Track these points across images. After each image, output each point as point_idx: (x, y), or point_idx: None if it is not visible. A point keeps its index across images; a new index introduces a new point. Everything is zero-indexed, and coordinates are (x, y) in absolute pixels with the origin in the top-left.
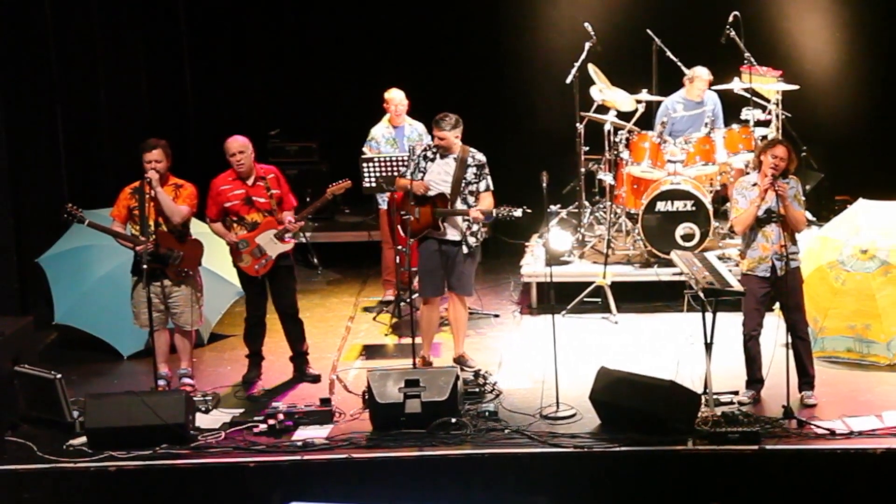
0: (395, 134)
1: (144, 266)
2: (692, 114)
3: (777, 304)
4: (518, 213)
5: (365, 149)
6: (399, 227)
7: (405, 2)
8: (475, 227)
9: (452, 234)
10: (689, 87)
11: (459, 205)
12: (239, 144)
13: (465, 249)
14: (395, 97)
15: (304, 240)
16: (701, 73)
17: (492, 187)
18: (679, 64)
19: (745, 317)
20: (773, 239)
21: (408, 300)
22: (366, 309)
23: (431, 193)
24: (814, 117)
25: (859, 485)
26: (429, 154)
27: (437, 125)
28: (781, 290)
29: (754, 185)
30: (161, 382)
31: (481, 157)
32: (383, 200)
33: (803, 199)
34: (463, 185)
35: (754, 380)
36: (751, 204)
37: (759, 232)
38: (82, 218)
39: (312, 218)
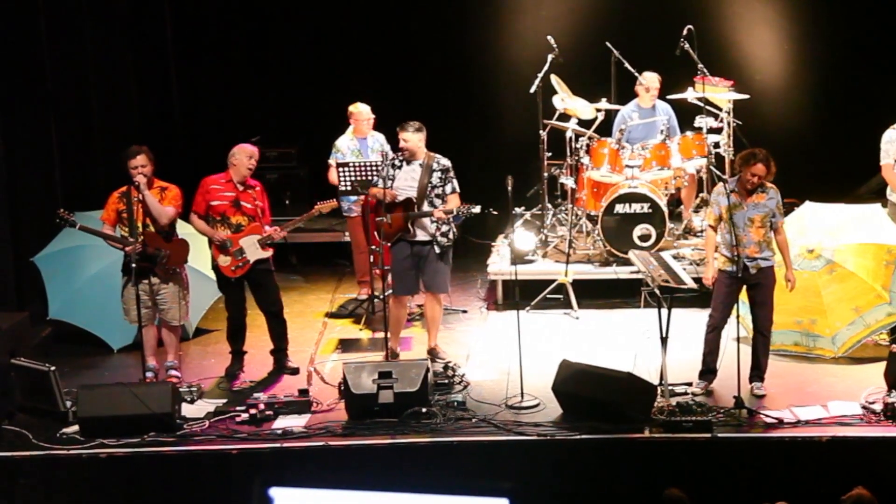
0: (359, 145)
1: (133, 265)
2: (646, 122)
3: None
4: (476, 209)
5: (330, 160)
6: (374, 231)
7: (379, 18)
8: (444, 228)
9: (422, 236)
10: (643, 94)
11: (426, 207)
12: (249, 151)
13: (436, 249)
14: (362, 111)
15: (284, 240)
16: (650, 78)
17: (458, 189)
18: (636, 74)
19: (713, 309)
20: (745, 243)
21: (381, 297)
22: (332, 315)
23: (399, 199)
24: (763, 125)
25: (806, 471)
26: (396, 162)
27: (403, 128)
28: (752, 285)
29: (732, 191)
30: (149, 374)
31: (446, 161)
32: (349, 209)
33: (783, 208)
34: (429, 188)
35: (708, 370)
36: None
37: (733, 235)
38: (74, 222)
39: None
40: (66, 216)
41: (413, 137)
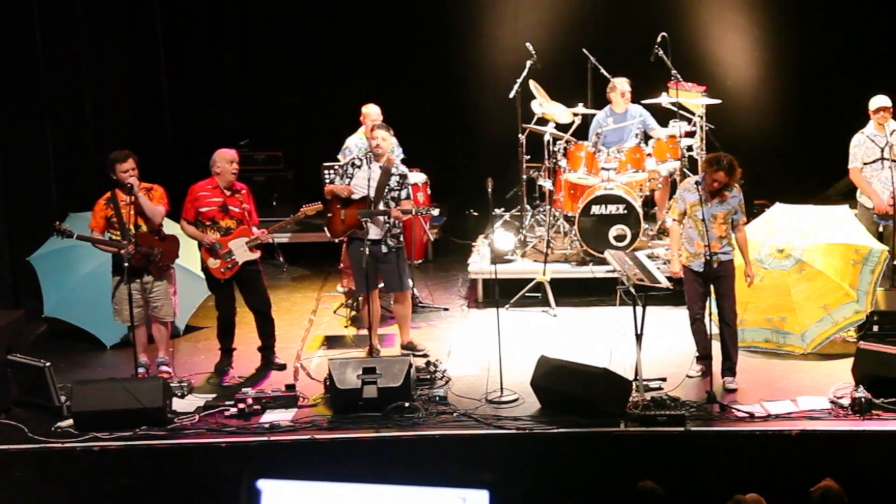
0: (367, 145)
1: (126, 264)
2: (620, 126)
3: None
4: (435, 211)
5: (339, 156)
6: (325, 226)
7: (363, 27)
8: (395, 230)
9: (374, 234)
10: (616, 99)
11: (382, 207)
12: (230, 156)
13: (383, 248)
14: (373, 112)
15: (271, 241)
16: (621, 83)
17: (411, 197)
18: (612, 80)
19: (689, 303)
20: (705, 238)
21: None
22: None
23: (356, 197)
24: (735, 129)
25: (776, 463)
26: (356, 162)
27: (380, 128)
28: (714, 278)
29: (696, 187)
30: (140, 370)
31: (405, 169)
32: None
33: (753, 209)
34: (386, 190)
35: (703, 356)
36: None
37: (696, 230)
38: (71, 233)
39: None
40: (63, 228)
41: (389, 138)
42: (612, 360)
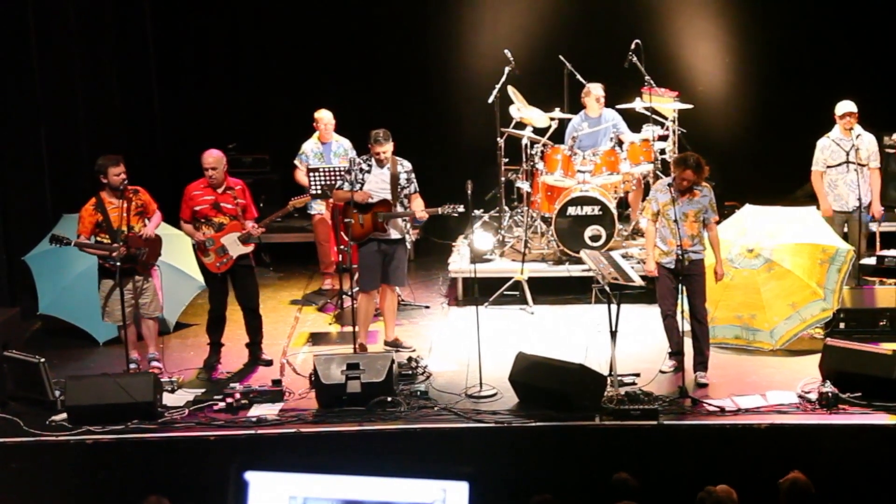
0: (322, 149)
1: (118, 263)
2: (595, 130)
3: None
4: (461, 208)
5: (296, 161)
6: (343, 231)
7: (345, 32)
8: (409, 227)
9: (395, 234)
10: (591, 104)
11: (399, 208)
12: (213, 160)
13: (407, 245)
14: (325, 117)
15: (259, 240)
16: (595, 88)
17: (418, 189)
18: (587, 85)
19: (660, 299)
20: (677, 237)
21: (349, 293)
22: (303, 300)
23: (373, 201)
24: (706, 133)
25: (746, 456)
26: (364, 167)
27: (379, 141)
28: (685, 276)
29: (668, 187)
30: (132, 366)
31: (408, 164)
32: (311, 206)
33: (724, 210)
34: (400, 190)
35: (676, 352)
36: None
37: (668, 229)
38: (68, 241)
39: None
40: (62, 237)
41: (390, 147)
42: (588, 356)
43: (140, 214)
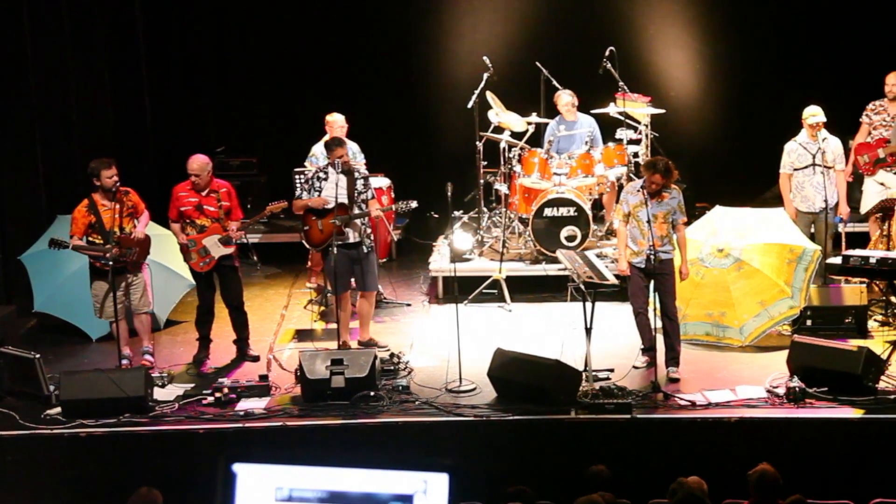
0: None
1: (111, 263)
2: (571, 133)
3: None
4: (414, 203)
5: (306, 163)
6: (302, 239)
7: (330, 40)
8: (368, 231)
9: (353, 237)
10: (561, 110)
11: (356, 212)
12: (197, 167)
13: (364, 249)
14: (338, 120)
15: (245, 241)
16: (564, 95)
17: (375, 196)
18: (556, 94)
19: (632, 297)
20: (647, 237)
21: (333, 293)
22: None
23: (329, 206)
24: (677, 136)
25: (716, 448)
26: (321, 175)
27: (343, 146)
28: (655, 275)
29: (638, 190)
30: (124, 362)
31: (364, 170)
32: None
33: (684, 208)
34: (357, 194)
35: (648, 348)
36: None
37: (639, 230)
38: (66, 244)
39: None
40: (60, 241)
41: (346, 149)
42: (564, 352)
43: (131, 216)
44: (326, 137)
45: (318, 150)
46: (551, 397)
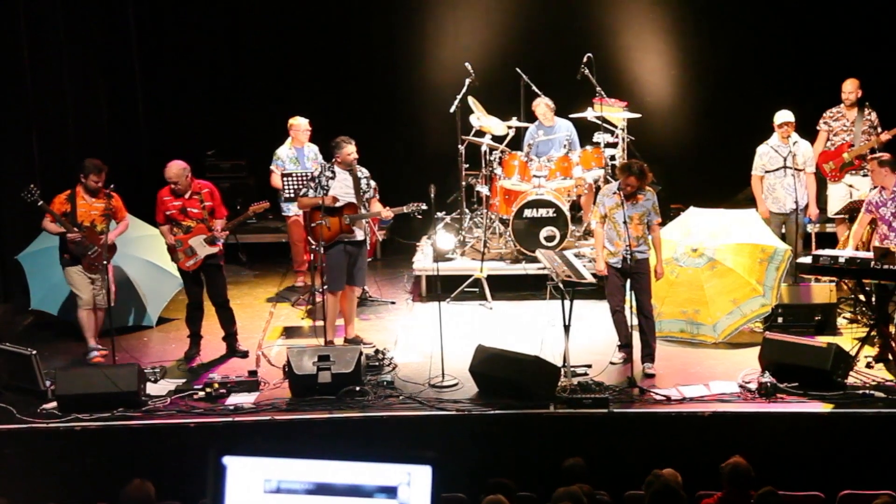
0: (296, 154)
1: (72, 246)
2: (549, 138)
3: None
4: (423, 206)
5: (272, 167)
6: (310, 236)
7: (316, 45)
8: (368, 229)
9: (360, 235)
10: (539, 115)
11: (362, 211)
12: (173, 175)
13: (367, 247)
14: (301, 123)
15: (235, 240)
16: (541, 105)
17: (377, 195)
18: (534, 102)
19: (609, 296)
20: (623, 238)
21: (320, 290)
22: (277, 297)
23: (339, 204)
24: (653, 140)
25: (690, 442)
26: (327, 173)
27: (349, 142)
28: (631, 274)
29: (614, 192)
30: (94, 354)
31: (366, 170)
32: (288, 209)
33: (658, 209)
34: (362, 193)
35: (625, 344)
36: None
37: (615, 231)
38: (36, 200)
39: (250, 220)
40: (32, 190)
41: (354, 147)
42: (543, 349)
43: (106, 217)
44: (289, 140)
45: (282, 153)
46: (531, 392)
